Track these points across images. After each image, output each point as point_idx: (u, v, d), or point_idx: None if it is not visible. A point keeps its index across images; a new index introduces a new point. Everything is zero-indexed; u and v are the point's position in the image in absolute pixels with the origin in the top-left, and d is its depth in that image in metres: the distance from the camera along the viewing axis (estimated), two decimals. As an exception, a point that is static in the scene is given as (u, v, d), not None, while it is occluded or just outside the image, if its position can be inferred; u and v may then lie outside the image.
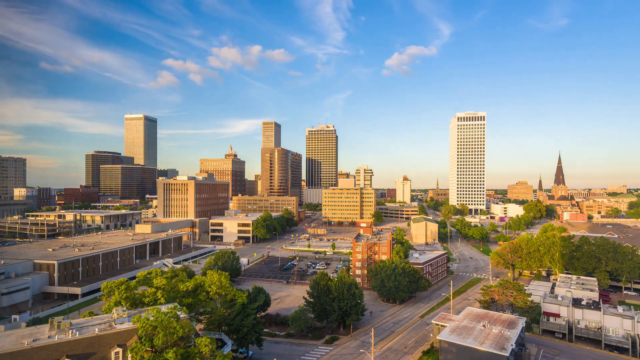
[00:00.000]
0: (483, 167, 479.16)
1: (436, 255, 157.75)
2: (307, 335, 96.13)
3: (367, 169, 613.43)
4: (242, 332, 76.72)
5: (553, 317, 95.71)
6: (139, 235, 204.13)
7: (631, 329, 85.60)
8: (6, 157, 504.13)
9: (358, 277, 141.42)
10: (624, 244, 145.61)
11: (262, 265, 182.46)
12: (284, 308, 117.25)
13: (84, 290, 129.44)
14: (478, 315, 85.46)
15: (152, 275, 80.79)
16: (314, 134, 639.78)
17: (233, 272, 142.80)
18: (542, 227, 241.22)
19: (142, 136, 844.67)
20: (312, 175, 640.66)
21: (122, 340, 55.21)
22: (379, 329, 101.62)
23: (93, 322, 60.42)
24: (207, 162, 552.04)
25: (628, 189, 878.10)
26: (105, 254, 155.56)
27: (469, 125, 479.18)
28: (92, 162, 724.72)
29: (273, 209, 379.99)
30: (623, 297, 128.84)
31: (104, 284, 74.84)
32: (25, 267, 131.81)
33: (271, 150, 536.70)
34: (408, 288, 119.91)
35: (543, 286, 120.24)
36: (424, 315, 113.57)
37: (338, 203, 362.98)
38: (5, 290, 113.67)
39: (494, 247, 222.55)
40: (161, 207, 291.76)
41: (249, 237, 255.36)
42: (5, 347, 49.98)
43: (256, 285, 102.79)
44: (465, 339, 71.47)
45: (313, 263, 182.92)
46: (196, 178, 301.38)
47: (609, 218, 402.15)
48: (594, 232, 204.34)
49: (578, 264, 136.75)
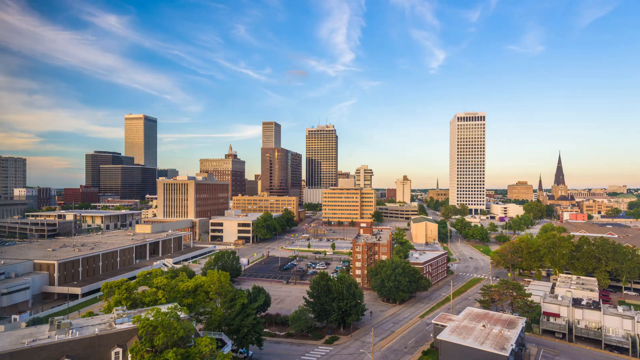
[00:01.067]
0: (483, 167, 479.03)
1: (436, 255, 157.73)
2: (307, 335, 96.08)
3: (367, 169, 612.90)
4: (242, 332, 76.69)
5: (553, 317, 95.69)
6: (139, 235, 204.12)
7: (631, 329, 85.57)
8: (6, 157, 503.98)
9: (358, 277, 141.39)
10: (624, 244, 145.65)
11: (262, 265, 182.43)
12: (284, 308, 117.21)
13: (84, 290, 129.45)
14: (478, 315, 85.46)
15: (152, 275, 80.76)
16: (314, 134, 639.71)
17: (233, 272, 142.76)
18: (542, 227, 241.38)
19: (141, 136, 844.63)
20: (312, 175, 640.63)
21: (122, 340, 55.20)
22: (379, 329, 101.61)
23: (93, 322, 60.39)
24: (207, 162, 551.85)
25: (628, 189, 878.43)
26: (105, 254, 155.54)
27: (469, 125, 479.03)
28: (92, 162, 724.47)
29: (273, 209, 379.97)
30: (623, 297, 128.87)
31: (104, 284, 74.81)
32: (25, 267, 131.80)
33: (271, 150, 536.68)
34: (408, 288, 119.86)
35: (543, 286, 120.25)
36: (424, 315, 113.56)
37: (338, 203, 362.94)
38: (5, 290, 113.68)
39: (494, 247, 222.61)
40: (161, 207, 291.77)
41: (249, 237, 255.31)
42: (5, 347, 49.97)
43: (256, 285, 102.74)
44: (465, 339, 71.45)
45: (313, 263, 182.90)
46: (196, 178, 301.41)
47: (609, 218, 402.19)
48: (594, 232, 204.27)
49: (578, 264, 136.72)
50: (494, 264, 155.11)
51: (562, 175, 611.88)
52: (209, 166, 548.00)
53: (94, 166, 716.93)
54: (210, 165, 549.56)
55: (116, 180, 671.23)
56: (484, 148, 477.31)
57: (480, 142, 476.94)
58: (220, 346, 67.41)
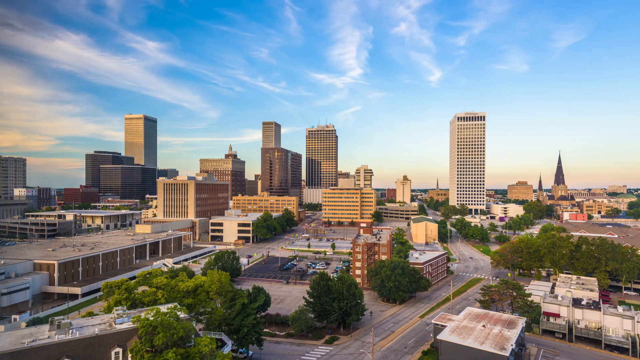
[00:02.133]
0: (483, 167, 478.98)
1: (436, 255, 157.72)
2: (307, 335, 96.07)
3: (367, 169, 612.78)
4: (242, 332, 76.68)
5: (553, 317, 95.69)
6: (139, 235, 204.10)
7: (631, 329, 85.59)
8: (6, 157, 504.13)
9: (358, 277, 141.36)
10: (623, 244, 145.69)
11: (262, 265, 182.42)
12: (284, 308, 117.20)
13: (84, 290, 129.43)
14: (478, 315, 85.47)
15: (152, 275, 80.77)
16: (314, 134, 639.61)
17: (233, 272, 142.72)
18: (542, 227, 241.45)
19: (141, 136, 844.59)
20: (312, 175, 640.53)
21: (122, 340, 55.20)
22: (379, 329, 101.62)
23: (93, 322, 60.38)
24: (207, 162, 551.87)
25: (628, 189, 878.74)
26: (105, 254, 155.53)
27: (469, 125, 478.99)
28: (92, 162, 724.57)
29: (273, 209, 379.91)
30: (623, 297, 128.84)
31: (104, 284, 74.84)
32: (25, 267, 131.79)
33: (271, 150, 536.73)
34: (408, 288, 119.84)
35: (543, 286, 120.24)
36: (424, 315, 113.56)
37: (338, 203, 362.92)
38: (5, 290, 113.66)
39: (494, 247, 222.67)
40: (161, 207, 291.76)
41: (249, 237, 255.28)
42: (5, 347, 49.96)
43: (256, 285, 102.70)
44: (465, 339, 71.45)
45: (313, 263, 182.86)
46: (196, 178, 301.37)
47: (609, 218, 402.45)
48: (594, 232, 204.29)
49: (578, 264, 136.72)
50: (494, 264, 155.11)
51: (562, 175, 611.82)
52: (209, 166, 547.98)
53: (94, 166, 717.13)
54: (210, 165, 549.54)
55: (116, 180, 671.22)
56: (484, 148, 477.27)
57: (480, 142, 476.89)
58: (220, 346, 67.41)
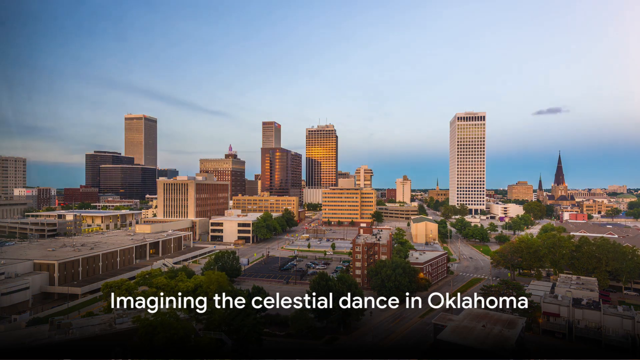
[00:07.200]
0: (483, 167, 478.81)
1: (436, 255, 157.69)
2: (307, 335, 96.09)
3: (367, 169, 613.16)
4: (242, 332, 76.69)
5: (553, 317, 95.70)
6: (139, 235, 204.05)
7: (631, 329, 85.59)
8: (6, 157, 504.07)
9: (358, 277, 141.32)
10: (624, 244, 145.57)
11: (262, 265, 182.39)
12: (284, 308, 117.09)
13: (84, 290, 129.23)
14: (478, 315, 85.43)
15: (152, 275, 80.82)
16: (314, 134, 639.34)
17: (233, 272, 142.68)
18: (542, 227, 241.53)
19: (142, 136, 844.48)
20: (312, 175, 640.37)
21: (122, 340, 55.21)
22: (379, 329, 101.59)
23: (93, 322, 60.41)
24: (207, 162, 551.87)
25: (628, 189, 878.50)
26: (105, 254, 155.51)
27: (469, 125, 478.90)
28: (91, 161, 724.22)
29: (273, 209, 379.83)
30: (623, 297, 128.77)
31: (104, 284, 74.91)
32: (25, 267, 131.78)
33: (271, 150, 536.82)
34: (408, 288, 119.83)
35: (543, 286, 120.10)
36: (424, 315, 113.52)
37: (338, 203, 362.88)
38: (5, 290, 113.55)
39: (494, 247, 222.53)
40: (161, 207, 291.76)
41: (249, 237, 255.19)
42: (5, 347, 49.96)
43: (256, 285, 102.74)
44: (465, 339, 71.45)
45: (313, 263, 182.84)
46: (196, 178, 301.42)
47: (609, 218, 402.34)
48: (594, 232, 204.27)
49: (578, 264, 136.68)
50: (494, 264, 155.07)
51: (562, 175, 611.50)
52: (209, 166, 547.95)
53: (94, 166, 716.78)
54: (210, 165, 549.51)
55: (116, 180, 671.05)
56: (484, 148, 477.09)
57: (480, 142, 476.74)
58: (220, 346, 67.43)
